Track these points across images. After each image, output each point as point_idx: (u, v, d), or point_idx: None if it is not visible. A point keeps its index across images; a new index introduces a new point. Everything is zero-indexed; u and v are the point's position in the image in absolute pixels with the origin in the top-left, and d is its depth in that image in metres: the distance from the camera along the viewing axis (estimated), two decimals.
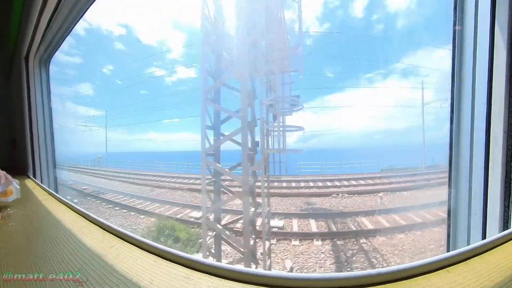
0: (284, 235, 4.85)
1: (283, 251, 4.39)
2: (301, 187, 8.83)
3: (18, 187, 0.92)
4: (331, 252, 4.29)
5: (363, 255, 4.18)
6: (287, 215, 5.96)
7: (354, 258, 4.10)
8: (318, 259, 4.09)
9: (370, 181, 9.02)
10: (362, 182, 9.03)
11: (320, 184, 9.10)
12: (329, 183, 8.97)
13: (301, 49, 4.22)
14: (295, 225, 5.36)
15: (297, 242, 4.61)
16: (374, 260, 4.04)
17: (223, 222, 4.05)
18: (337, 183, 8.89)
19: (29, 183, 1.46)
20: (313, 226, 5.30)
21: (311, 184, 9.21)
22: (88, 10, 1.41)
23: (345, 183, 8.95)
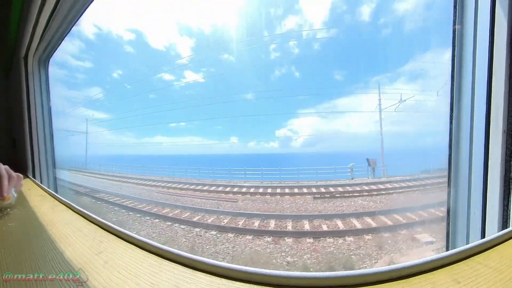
0: None
1: None
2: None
3: (16, 195, 0.92)
4: None
5: None
6: None
7: None
8: None
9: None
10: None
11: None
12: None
13: None
14: None
15: None
16: None
17: None
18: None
19: (29, 183, 1.46)
20: None
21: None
22: (95, 14, 1.40)
23: None
